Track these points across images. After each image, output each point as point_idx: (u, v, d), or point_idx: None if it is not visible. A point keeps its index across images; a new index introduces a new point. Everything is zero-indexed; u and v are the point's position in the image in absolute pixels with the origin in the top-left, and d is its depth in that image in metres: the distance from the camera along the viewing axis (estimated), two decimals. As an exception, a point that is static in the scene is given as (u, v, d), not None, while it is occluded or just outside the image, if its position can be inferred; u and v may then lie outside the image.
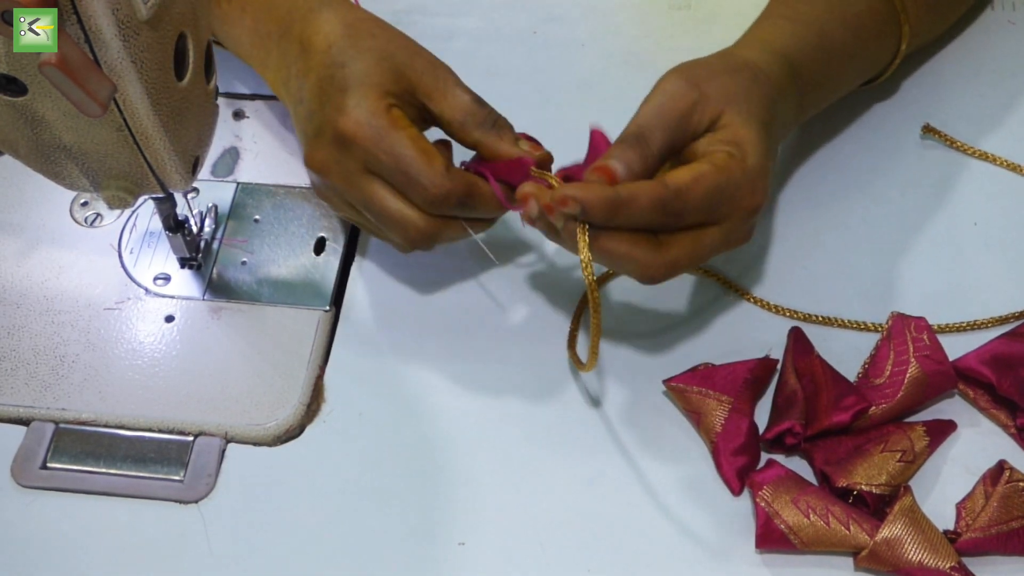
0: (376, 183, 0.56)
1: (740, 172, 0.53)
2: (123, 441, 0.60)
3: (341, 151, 0.56)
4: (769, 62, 0.59)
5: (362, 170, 0.56)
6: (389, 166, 0.55)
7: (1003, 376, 0.58)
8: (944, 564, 0.52)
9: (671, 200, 0.52)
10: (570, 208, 0.51)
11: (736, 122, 0.55)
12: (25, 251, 0.67)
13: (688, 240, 0.54)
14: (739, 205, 0.54)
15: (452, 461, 0.59)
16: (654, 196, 0.51)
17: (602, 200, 0.51)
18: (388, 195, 0.56)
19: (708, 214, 0.53)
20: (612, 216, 0.51)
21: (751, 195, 0.54)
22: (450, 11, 0.80)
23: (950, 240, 0.66)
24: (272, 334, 0.63)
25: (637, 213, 0.51)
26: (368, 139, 0.55)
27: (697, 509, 0.57)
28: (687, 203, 0.52)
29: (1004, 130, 0.71)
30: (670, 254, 0.53)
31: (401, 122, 0.56)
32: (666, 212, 0.52)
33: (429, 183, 0.55)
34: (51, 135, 0.52)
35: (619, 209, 0.51)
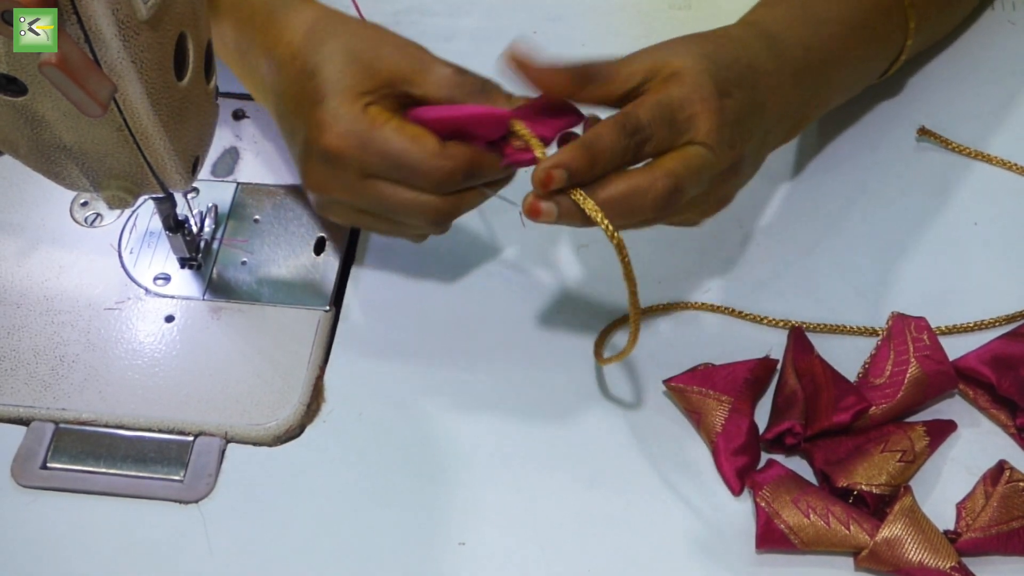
0: (380, 183, 0.56)
1: (679, 84, 0.53)
2: (123, 441, 0.60)
3: (334, 166, 0.55)
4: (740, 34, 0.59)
5: (361, 176, 0.55)
6: (384, 166, 0.55)
7: (1003, 376, 0.58)
8: (944, 564, 0.52)
9: (624, 119, 0.52)
10: (558, 178, 0.51)
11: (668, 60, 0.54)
12: (25, 251, 0.67)
13: (676, 155, 0.53)
14: (697, 109, 0.53)
15: (452, 461, 0.59)
16: (610, 123, 0.52)
17: (576, 151, 0.51)
18: (397, 188, 0.55)
19: (670, 128, 0.53)
20: (593, 161, 0.51)
21: (703, 100, 0.53)
22: (450, 11, 0.80)
23: (950, 240, 0.66)
24: (272, 334, 0.63)
25: (608, 144, 0.51)
26: (354, 147, 0.54)
27: (697, 509, 0.57)
28: (640, 117, 0.52)
29: (1004, 130, 0.71)
30: (666, 165, 0.53)
31: (380, 117, 0.55)
32: (627, 131, 0.52)
33: (429, 168, 0.54)
34: (51, 135, 0.52)
35: (593, 148, 0.51)
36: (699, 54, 0.55)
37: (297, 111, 0.57)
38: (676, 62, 0.54)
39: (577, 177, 0.51)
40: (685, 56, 0.55)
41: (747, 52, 0.58)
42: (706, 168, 0.54)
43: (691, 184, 0.53)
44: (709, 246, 0.67)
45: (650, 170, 0.53)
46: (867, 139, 0.71)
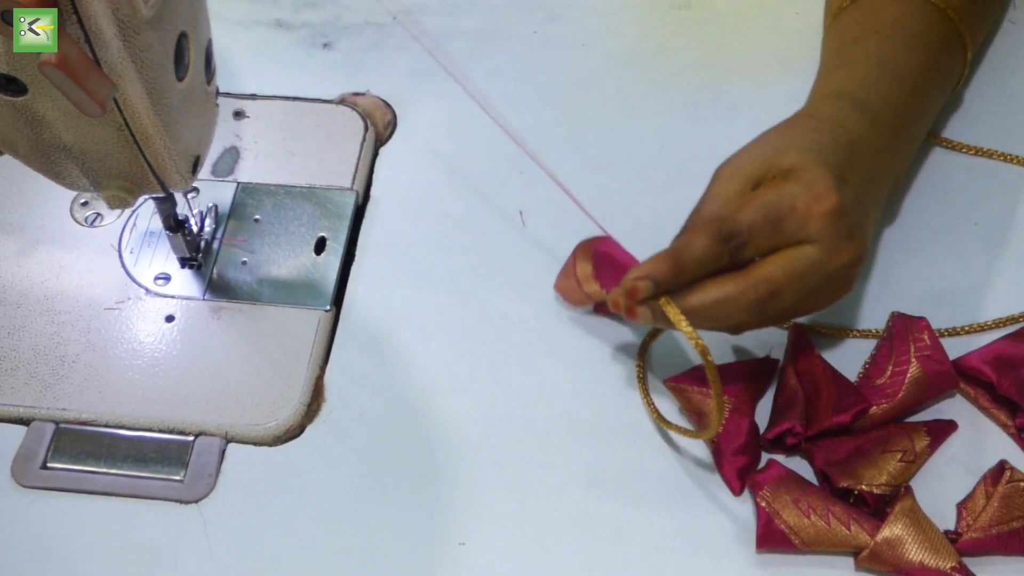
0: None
1: (792, 183, 0.51)
2: (123, 441, 0.60)
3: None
4: (836, 111, 0.57)
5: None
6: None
7: (1004, 375, 0.58)
8: (945, 564, 0.52)
9: (721, 224, 0.50)
10: (643, 289, 0.50)
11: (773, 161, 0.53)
12: (25, 251, 0.67)
13: (780, 258, 0.51)
14: (810, 212, 0.51)
15: (452, 461, 0.59)
16: (705, 229, 0.50)
17: (664, 261, 0.50)
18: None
19: (775, 232, 0.51)
20: (679, 270, 0.50)
21: (816, 200, 0.51)
22: (450, 11, 0.80)
23: (950, 240, 0.66)
24: (272, 334, 0.63)
25: (699, 252, 0.50)
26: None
27: (697, 509, 0.57)
28: (739, 222, 0.50)
29: (1004, 129, 0.71)
30: (762, 271, 0.51)
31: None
32: (723, 237, 0.50)
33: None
34: (51, 135, 0.52)
35: (681, 257, 0.50)
36: (803, 146, 0.53)
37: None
38: (784, 161, 0.53)
39: (664, 287, 0.50)
40: (791, 153, 0.53)
41: (846, 129, 0.56)
42: (813, 270, 0.52)
43: (792, 289, 0.51)
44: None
45: (744, 276, 0.51)
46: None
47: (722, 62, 0.76)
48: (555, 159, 0.71)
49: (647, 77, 0.75)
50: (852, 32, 0.63)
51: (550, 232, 0.67)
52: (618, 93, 0.75)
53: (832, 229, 0.51)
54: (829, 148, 0.54)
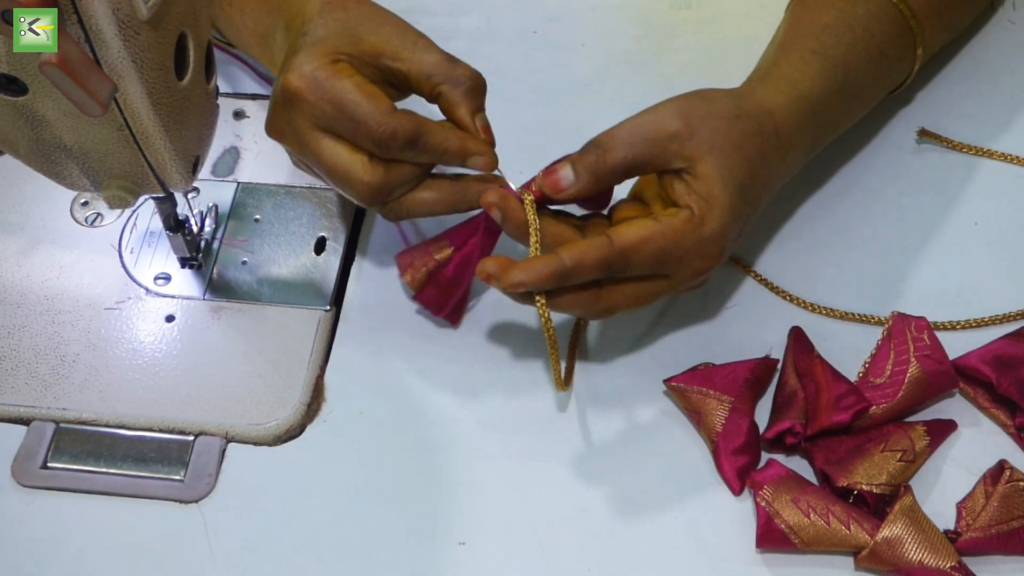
0: (324, 138, 0.56)
1: (693, 238, 0.54)
2: (123, 441, 0.60)
3: (290, 110, 0.56)
4: (788, 109, 0.58)
5: (311, 127, 0.56)
6: (333, 113, 0.55)
7: (1003, 375, 0.58)
8: (944, 564, 0.52)
9: (615, 260, 0.53)
10: (521, 292, 0.53)
11: (712, 177, 0.54)
12: (25, 251, 0.67)
13: (631, 289, 0.55)
14: (687, 266, 0.55)
15: (452, 461, 0.59)
16: (599, 258, 0.53)
17: (549, 276, 0.52)
18: (335, 149, 0.56)
19: (653, 271, 0.55)
20: (561, 284, 0.53)
21: (700, 259, 0.55)
22: (450, 11, 0.80)
23: (951, 240, 0.66)
24: (272, 334, 0.63)
25: (584, 276, 0.53)
26: (310, 90, 0.55)
27: (697, 509, 0.57)
28: (630, 263, 0.53)
29: (1004, 129, 0.71)
30: (611, 300, 0.55)
31: (345, 71, 0.55)
32: (611, 270, 0.53)
33: (375, 122, 0.54)
34: (51, 135, 0.52)
35: (567, 278, 0.53)
36: (739, 187, 0.55)
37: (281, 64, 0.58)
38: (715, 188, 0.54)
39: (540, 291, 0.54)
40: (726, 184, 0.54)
41: (782, 149, 0.58)
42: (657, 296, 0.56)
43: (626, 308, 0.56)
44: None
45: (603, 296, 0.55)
46: (867, 140, 0.71)
47: (722, 62, 0.76)
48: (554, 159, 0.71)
49: (647, 77, 0.75)
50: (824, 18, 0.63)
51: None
52: (618, 93, 0.75)
53: (692, 280, 0.56)
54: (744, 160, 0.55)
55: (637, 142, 0.55)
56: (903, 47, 0.65)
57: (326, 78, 0.55)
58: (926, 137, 0.70)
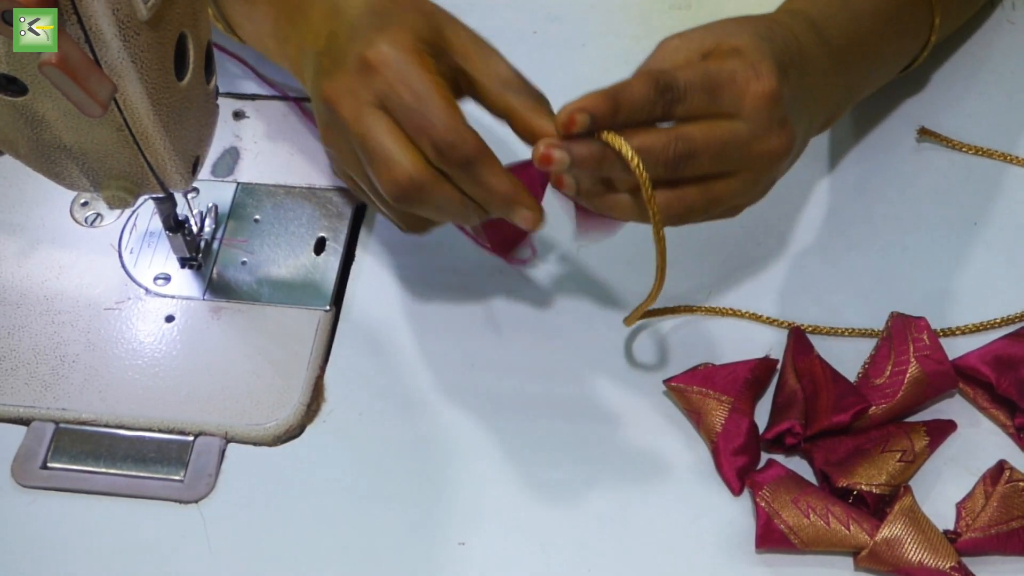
0: (383, 119, 0.53)
1: (737, 59, 0.52)
2: (123, 441, 0.60)
3: (359, 79, 0.53)
4: (786, 19, 0.58)
5: (373, 103, 0.53)
6: (407, 102, 0.52)
7: (1003, 376, 0.58)
8: (944, 564, 0.52)
9: (660, 75, 0.50)
10: (580, 122, 0.49)
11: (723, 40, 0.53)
12: (25, 251, 0.67)
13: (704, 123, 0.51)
14: (746, 90, 0.51)
15: (452, 461, 0.59)
16: (644, 76, 0.51)
17: (600, 97, 0.50)
18: (391, 132, 0.53)
19: (710, 99, 0.51)
20: (615, 109, 0.50)
21: (756, 78, 0.52)
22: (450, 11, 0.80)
23: (950, 240, 0.66)
24: (272, 334, 0.63)
25: (635, 95, 0.50)
26: (392, 71, 0.53)
27: (697, 509, 0.57)
28: (678, 79, 0.50)
29: (1004, 129, 0.71)
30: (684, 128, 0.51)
31: (428, 64, 0.54)
32: (660, 89, 0.50)
33: (443, 126, 0.52)
34: (51, 135, 0.52)
35: (617, 97, 0.50)
36: (757, 34, 0.54)
37: (351, 34, 0.55)
38: (734, 40, 0.53)
39: (598, 123, 0.50)
40: (743, 35, 0.54)
41: (797, 37, 0.57)
42: (735, 143, 0.52)
43: (709, 155, 0.51)
44: (709, 246, 0.66)
45: (666, 131, 0.51)
46: (867, 139, 0.71)
47: (722, 62, 0.76)
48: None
49: (647, 77, 0.75)
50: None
51: (549, 231, 0.67)
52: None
53: (765, 110, 0.52)
54: (779, 44, 0.54)
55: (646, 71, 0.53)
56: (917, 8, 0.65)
57: (412, 65, 0.53)
58: (926, 136, 0.70)
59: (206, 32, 0.54)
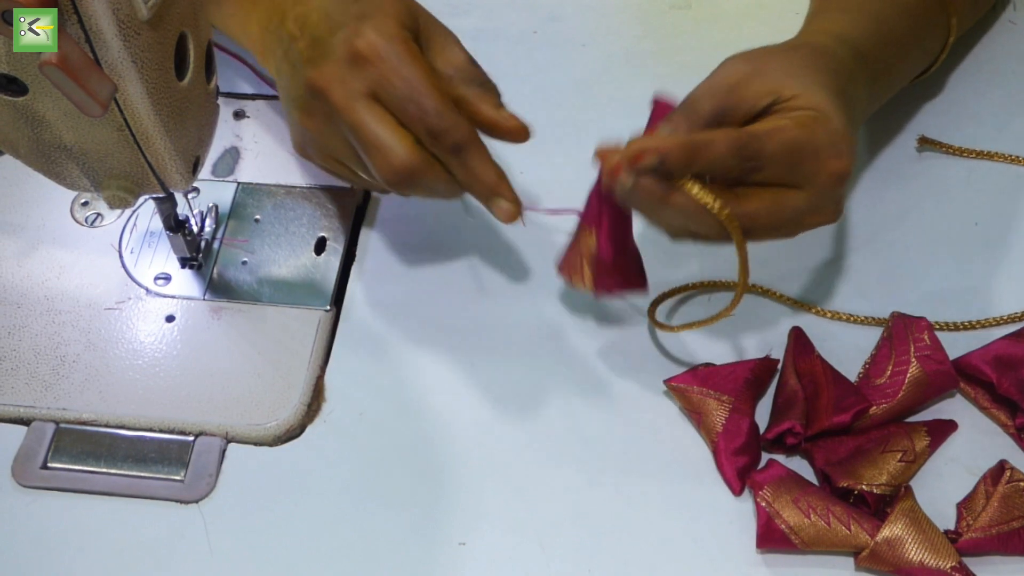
0: (376, 108, 0.55)
1: (824, 132, 0.52)
2: (123, 441, 0.60)
3: (350, 70, 0.55)
4: (832, 45, 0.58)
5: (365, 93, 0.55)
6: (400, 90, 0.54)
7: (1003, 375, 0.58)
8: (945, 564, 0.52)
9: (748, 141, 0.50)
10: (648, 161, 0.50)
11: (805, 92, 0.53)
12: (25, 251, 0.67)
13: (769, 195, 0.52)
14: (823, 167, 0.52)
15: (452, 461, 0.59)
16: (731, 138, 0.50)
17: (679, 146, 0.50)
18: (385, 121, 0.55)
19: (789, 170, 0.52)
20: (691, 162, 0.50)
21: (836, 157, 0.52)
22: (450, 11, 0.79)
23: (951, 240, 0.66)
24: (272, 334, 0.63)
25: (715, 156, 0.50)
26: (384, 62, 0.54)
27: (697, 509, 0.57)
28: (764, 149, 0.50)
29: (1005, 130, 0.71)
30: (749, 206, 0.52)
31: (415, 51, 0.55)
32: (743, 156, 0.50)
33: (437, 114, 0.54)
34: (51, 135, 0.52)
35: (697, 154, 0.50)
36: (834, 93, 0.53)
37: (330, 24, 0.56)
38: (815, 98, 0.53)
39: (666, 168, 0.50)
40: (819, 92, 0.53)
41: (849, 73, 0.57)
42: (791, 216, 0.53)
43: (764, 223, 0.53)
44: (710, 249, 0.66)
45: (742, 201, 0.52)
46: (868, 140, 0.71)
47: (722, 62, 0.76)
48: (555, 159, 0.71)
49: (647, 77, 0.75)
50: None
51: (550, 232, 0.67)
52: (618, 93, 0.75)
53: (832, 191, 0.53)
54: (824, 73, 0.55)
55: (718, 92, 0.53)
56: (935, 13, 0.65)
57: (400, 53, 0.54)
58: (926, 145, 0.70)
59: (206, 32, 0.54)
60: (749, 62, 0.55)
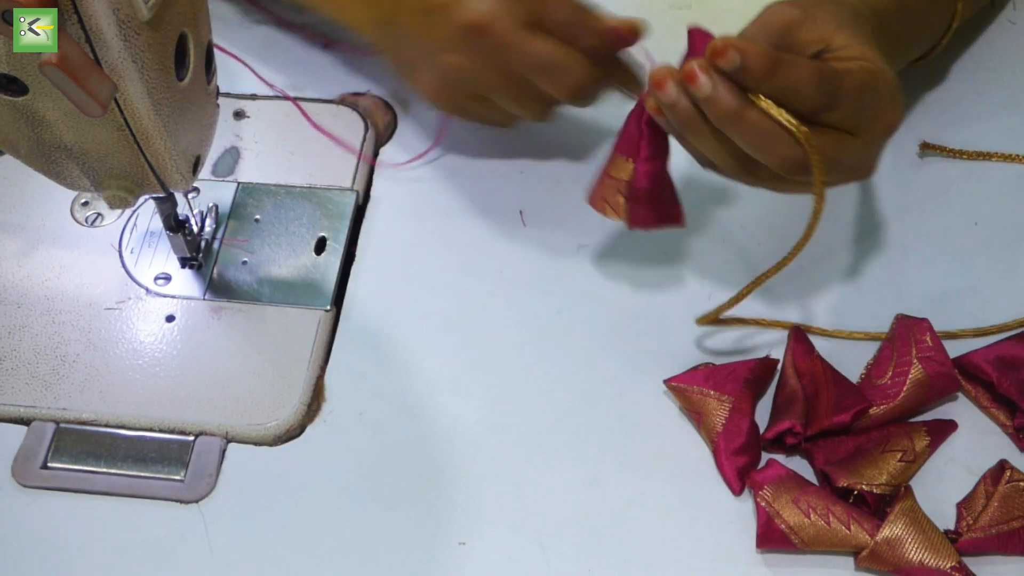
0: (544, 36, 0.59)
1: (884, 81, 0.52)
2: (124, 441, 0.60)
3: (511, 4, 0.59)
4: (864, 11, 0.57)
5: (526, 23, 0.59)
6: (566, 10, 0.60)
7: (1004, 375, 0.58)
8: (945, 564, 0.52)
9: (830, 76, 0.50)
10: (730, 58, 0.48)
11: (855, 43, 0.52)
12: (26, 251, 0.67)
13: (831, 136, 0.51)
14: (882, 116, 0.52)
15: (452, 461, 0.59)
16: (815, 66, 0.50)
17: (763, 54, 0.48)
18: (558, 45, 0.59)
19: (855, 113, 0.51)
20: (772, 73, 0.48)
21: (892, 108, 0.53)
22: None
23: (951, 241, 0.66)
24: (272, 334, 0.63)
25: (797, 78, 0.48)
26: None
27: (697, 509, 0.57)
28: (842, 87, 0.50)
29: (1005, 131, 0.71)
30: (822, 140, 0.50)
31: None
32: (821, 89, 0.49)
33: (595, 30, 0.60)
34: (52, 135, 0.52)
35: (780, 68, 0.48)
36: (880, 52, 0.53)
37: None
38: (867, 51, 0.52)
39: (745, 74, 0.48)
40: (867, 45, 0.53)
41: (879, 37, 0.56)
42: (845, 157, 0.52)
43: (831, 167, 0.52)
44: (711, 248, 0.67)
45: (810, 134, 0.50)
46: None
47: (722, 62, 0.76)
48: (555, 159, 0.71)
49: (647, 77, 0.75)
50: None
51: (550, 231, 0.67)
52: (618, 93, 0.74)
53: (882, 143, 0.54)
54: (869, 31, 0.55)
55: (772, 32, 0.52)
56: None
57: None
58: (928, 150, 0.70)
59: (206, 32, 0.54)
60: (799, 7, 0.53)
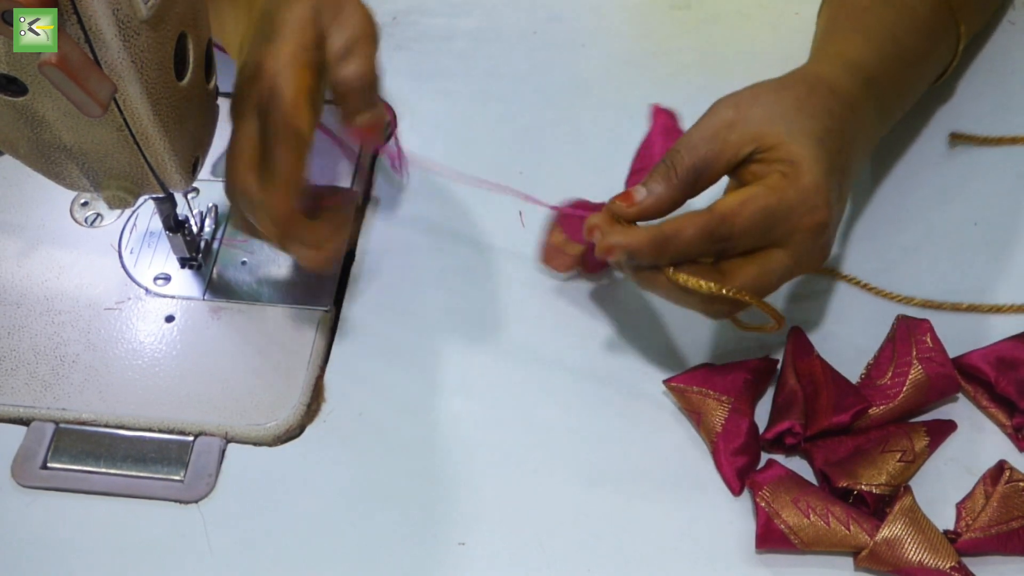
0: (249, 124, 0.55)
1: (793, 191, 0.52)
2: (123, 441, 0.60)
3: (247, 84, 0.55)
4: (839, 75, 0.58)
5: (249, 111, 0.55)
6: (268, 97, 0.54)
7: (1003, 375, 0.58)
8: (944, 564, 0.52)
9: (717, 226, 0.51)
10: (616, 257, 0.52)
11: (783, 140, 0.53)
12: (25, 251, 0.67)
13: (753, 266, 0.53)
14: (798, 224, 0.53)
15: (452, 461, 0.59)
16: (699, 224, 0.51)
17: (647, 241, 0.51)
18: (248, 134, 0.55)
19: (762, 237, 0.53)
20: (660, 254, 0.52)
21: (810, 213, 0.52)
22: (450, 11, 0.80)
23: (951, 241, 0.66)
24: (272, 334, 0.63)
25: (685, 245, 0.51)
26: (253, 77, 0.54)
27: (697, 509, 0.57)
28: (734, 226, 0.52)
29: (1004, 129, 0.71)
30: (735, 281, 0.53)
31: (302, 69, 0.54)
32: (714, 239, 0.52)
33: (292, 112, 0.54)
34: (51, 135, 0.52)
35: (667, 245, 0.51)
36: (816, 140, 0.53)
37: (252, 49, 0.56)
38: (793, 148, 0.53)
39: (638, 262, 0.52)
40: (801, 140, 0.53)
41: (850, 106, 0.57)
42: (780, 275, 0.54)
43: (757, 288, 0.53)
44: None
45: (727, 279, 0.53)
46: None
47: (722, 62, 0.76)
48: (555, 159, 0.71)
49: (647, 77, 0.75)
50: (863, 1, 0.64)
51: (550, 232, 0.67)
52: (618, 93, 0.75)
53: (812, 243, 0.54)
54: (834, 149, 0.54)
55: (698, 143, 0.54)
56: (945, 22, 0.65)
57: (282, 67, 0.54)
58: (958, 140, 0.70)
59: (206, 32, 0.54)
60: (735, 107, 0.55)
